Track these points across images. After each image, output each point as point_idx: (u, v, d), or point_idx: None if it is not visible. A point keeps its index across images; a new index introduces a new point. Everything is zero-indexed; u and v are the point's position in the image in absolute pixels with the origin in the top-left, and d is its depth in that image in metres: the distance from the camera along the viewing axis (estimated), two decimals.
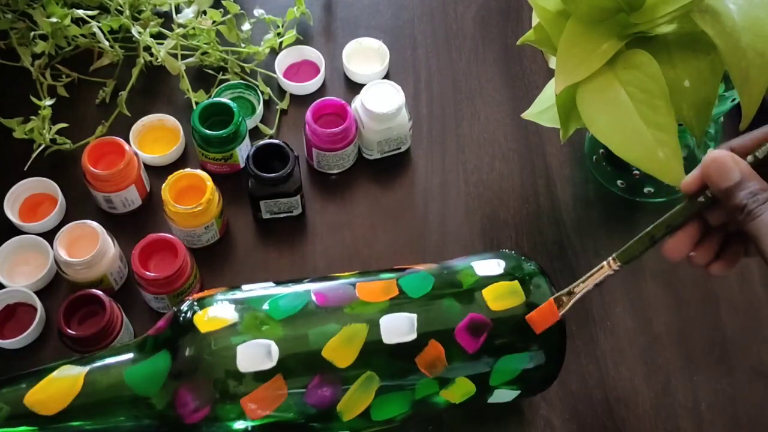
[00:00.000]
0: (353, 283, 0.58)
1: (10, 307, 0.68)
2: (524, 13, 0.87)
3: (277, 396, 0.53)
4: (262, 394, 0.52)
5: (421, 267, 0.61)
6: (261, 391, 0.52)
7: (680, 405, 0.66)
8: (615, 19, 0.59)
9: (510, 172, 0.78)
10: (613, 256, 0.52)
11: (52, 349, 0.68)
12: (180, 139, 0.77)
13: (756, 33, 0.56)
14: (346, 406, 0.55)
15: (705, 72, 0.58)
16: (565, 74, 0.58)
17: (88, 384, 0.53)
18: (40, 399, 0.53)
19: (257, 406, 0.53)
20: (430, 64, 0.85)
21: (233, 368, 0.52)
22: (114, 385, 0.53)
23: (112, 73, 0.81)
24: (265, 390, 0.52)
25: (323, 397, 0.54)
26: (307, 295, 0.56)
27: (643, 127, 0.57)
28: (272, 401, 0.53)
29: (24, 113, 0.77)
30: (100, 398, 0.53)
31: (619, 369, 0.68)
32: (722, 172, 0.48)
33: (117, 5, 0.80)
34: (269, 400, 0.53)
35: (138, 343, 0.56)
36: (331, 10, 0.88)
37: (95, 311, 0.65)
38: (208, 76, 0.82)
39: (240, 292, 0.57)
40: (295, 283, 0.58)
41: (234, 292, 0.57)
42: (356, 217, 0.75)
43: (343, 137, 0.74)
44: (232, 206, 0.75)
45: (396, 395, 0.56)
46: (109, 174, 0.71)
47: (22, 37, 0.80)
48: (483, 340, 0.56)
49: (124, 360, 0.55)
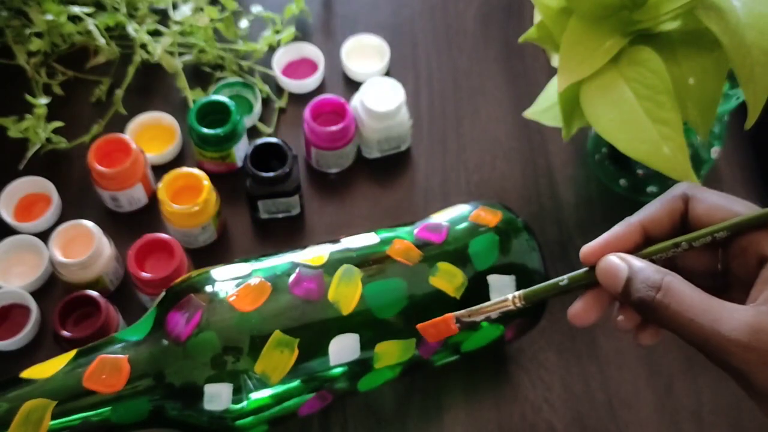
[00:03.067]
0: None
1: (4, 309, 0.68)
2: (526, 11, 0.87)
3: (262, 290, 0.54)
4: (245, 291, 0.54)
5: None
6: (245, 289, 0.54)
7: (683, 407, 0.65)
8: (618, 16, 0.59)
9: (512, 171, 0.77)
10: (519, 293, 0.48)
11: (47, 350, 0.67)
12: (177, 137, 0.77)
13: (761, 30, 0.55)
14: (337, 295, 0.55)
15: (710, 70, 0.58)
16: (568, 72, 0.58)
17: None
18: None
19: (245, 301, 0.54)
20: (431, 62, 0.84)
21: (214, 279, 0.55)
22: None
23: (108, 71, 0.81)
24: (247, 288, 0.54)
25: (309, 289, 0.55)
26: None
27: (648, 123, 0.57)
28: (258, 296, 0.54)
29: (19, 112, 0.76)
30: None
31: (622, 371, 0.67)
32: (610, 275, 0.44)
33: (113, 2, 0.79)
34: (254, 295, 0.54)
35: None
36: (330, 6, 0.87)
37: (91, 312, 0.64)
38: (205, 73, 0.81)
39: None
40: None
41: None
42: (356, 217, 0.75)
43: (342, 136, 0.74)
44: (230, 206, 0.74)
45: (386, 283, 0.57)
46: (116, 172, 0.70)
47: (17, 35, 0.79)
48: (446, 231, 0.60)
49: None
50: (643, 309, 0.43)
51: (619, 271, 0.44)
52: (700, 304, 0.41)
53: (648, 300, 0.43)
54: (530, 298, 0.48)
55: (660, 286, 0.42)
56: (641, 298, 0.43)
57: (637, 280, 0.43)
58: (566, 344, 0.68)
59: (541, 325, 0.69)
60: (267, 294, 0.54)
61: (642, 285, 0.43)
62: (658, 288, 0.42)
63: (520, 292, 0.48)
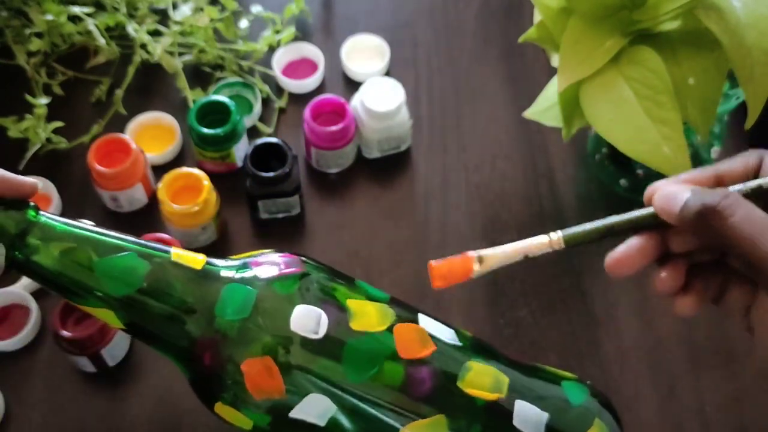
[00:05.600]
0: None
1: (4, 309, 0.68)
2: (526, 11, 0.87)
3: None
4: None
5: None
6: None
7: (686, 407, 0.65)
8: (618, 16, 0.59)
9: (512, 171, 0.77)
10: (559, 234, 0.45)
11: (47, 350, 0.67)
12: (177, 137, 0.77)
13: (761, 31, 0.55)
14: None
15: (710, 70, 0.58)
16: (568, 72, 0.58)
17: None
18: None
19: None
20: (431, 62, 0.84)
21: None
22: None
23: (108, 71, 0.81)
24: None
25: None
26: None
27: (648, 123, 0.57)
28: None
29: (19, 112, 0.76)
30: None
31: (624, 371, 0.67)
32: (670, 197, 0.43)
33: (113, 2, 0.79)
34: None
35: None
36: (330, 6, 0.87)
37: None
38: (205, 73, 0.81)
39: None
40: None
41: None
42: (356, 217, 0.75)
43: (342, 136, 0.74)
44: (230, 206, 0.74)
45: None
46: (116, 172, 0.70)
47: (17, 35, 0.79)
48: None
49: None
50: (704, 218, 0.41)
51: (679, 192, 0.42)
52: (764, 220, 0.40)
53: (712, 205, 0.40)
54: (572, 240, 0.44)
55: (727, 195, 0.41)
56: (705, 203, 0.40)
57: (699, 193, 0.41)
58: (568, 345, 0.68)
59: (542, 325, 0.69)
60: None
61: (706, 194, 0.41)
62: (725, 195, 0.40)
63: (560, 233, 0.45)
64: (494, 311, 0.69)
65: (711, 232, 0.41)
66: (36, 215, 0.48)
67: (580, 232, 0.45)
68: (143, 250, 0.50)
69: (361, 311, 0.51)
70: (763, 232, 0.39)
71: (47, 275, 0.48)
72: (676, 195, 0.42)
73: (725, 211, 0.40)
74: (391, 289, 0.57)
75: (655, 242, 0.45)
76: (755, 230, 0.40)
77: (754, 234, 0.40)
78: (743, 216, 0.40)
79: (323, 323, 0.50)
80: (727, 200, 0.40)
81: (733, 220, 0.40)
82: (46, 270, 0.48)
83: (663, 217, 0.43)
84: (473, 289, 0.70)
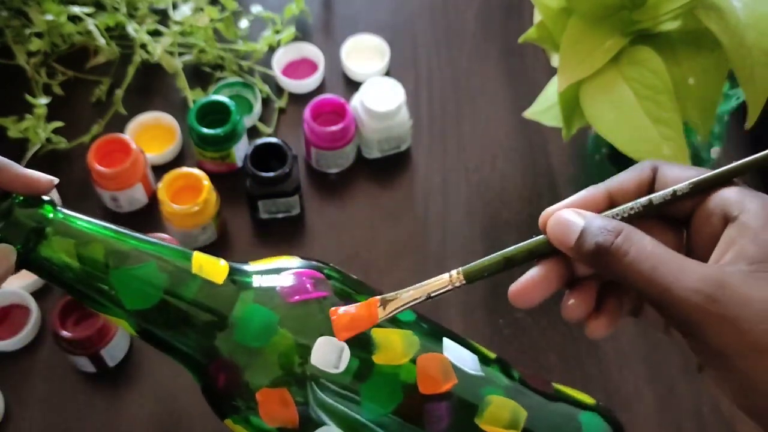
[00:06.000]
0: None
1: (4, 309, 0.68)
2: (526, 11, 0.87)
3: None
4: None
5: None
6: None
7: (684, 407, 0.65)
8: (618, 16, 0.59)
9: (512, 171, 0.77)
10: (458, 270, 0.42)
11: (47, 351, 0.67)
12: (176, 137, 0.77)
13: (761, 31, 0.55)
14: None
15: (710, 70, 0.58)
16: (568, 72, 0.58)
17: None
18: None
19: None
20: (431, 62, 0.84)
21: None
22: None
23: (108, 71, 0.81)
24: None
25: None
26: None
27: (648, 123, 0.56)
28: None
29: (19, 112, 0.76)
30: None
31: (622, 371, 0.67)
32: (563, 227, 0.40)
33: (113, 2, 0.79)
34: None
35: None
36: (330, 6, 0.87)
37: (91, 313, 0.64)
38: (205, 73, 0.81)
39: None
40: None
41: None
42: (356, 218, 0.75)
43: (342, 136, 0.74)
44: (230, 206, 0.74)
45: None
46: (116, 172, 0.70)
47: (17, 35, 0.79)
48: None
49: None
50: (598, 258, 0.39)
51: (573, 222, 0.40)
52: (662, 254, 0.38)
53: (606, 245, 0.38)
54: (472, 276, 0.42)
55: (620, 231, 0.39)
56: (598, 243, 0.39)
57: (594, 226, 0.39)
58: (567, 345, 0.68)
59: (542, 325, 0.69)
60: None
61: (599, 230, 0.39)
62: (618, 233, 0.39)
63: (460, 269, 0.42)
64: (494, 312, 0.69)
65: (607, 270, 0.39)
66: (53, 211, 0.46)
67: (479, 266, 0.43)
68: (163, 258, 0.47)
69: (385, 342, 0.49)
70: (655, 267, 0.38)
71: (61, 277, 0.46)
72: (569, 225, 0.40)
73: (619, 251, 0.38)
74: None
75: (560, 268, 0.42)
76: (657, 261, 0.38)
77: (647, 270, 0.38)
78: (636, 253, 0.38)
79: (345, 357, 0.47)
80: (619, 239, 0.39)
81: (627, 259, 0.38)
82: (58, 272, 0.45)
83: (559, 248, 0.41)
84: (473, 290, 0.70)
